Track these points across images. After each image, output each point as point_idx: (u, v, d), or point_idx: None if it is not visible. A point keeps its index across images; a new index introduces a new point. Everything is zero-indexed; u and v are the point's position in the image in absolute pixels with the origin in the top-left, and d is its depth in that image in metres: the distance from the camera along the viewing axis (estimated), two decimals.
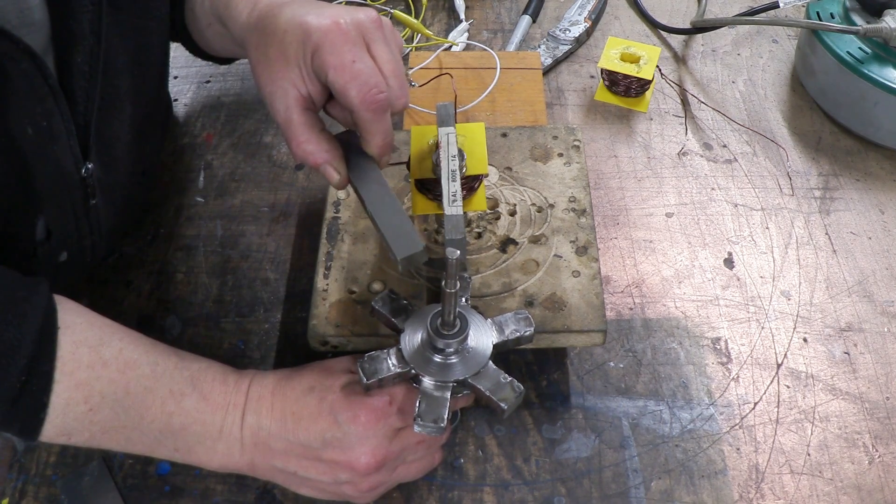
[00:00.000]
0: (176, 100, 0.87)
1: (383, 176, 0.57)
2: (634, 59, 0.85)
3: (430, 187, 0.63)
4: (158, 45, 0.68)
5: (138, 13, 0.61)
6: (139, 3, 0.61)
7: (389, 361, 0.52)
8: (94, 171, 0.58)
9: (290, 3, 0.57)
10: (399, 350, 0.53)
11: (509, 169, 0.70)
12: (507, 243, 0.64)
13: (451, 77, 0.85)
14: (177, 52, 0.79)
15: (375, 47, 0.54)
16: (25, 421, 0.49)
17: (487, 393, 0.51)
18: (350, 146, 0.57)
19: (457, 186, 0.58)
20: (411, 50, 0.91)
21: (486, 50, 0.89)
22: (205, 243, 0.74)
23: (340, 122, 0.59)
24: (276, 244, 0.74)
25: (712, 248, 0.74)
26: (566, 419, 0.62)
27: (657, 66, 0.86)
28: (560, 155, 0.71)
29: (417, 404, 0.50)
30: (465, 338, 0.53)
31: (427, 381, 0.52)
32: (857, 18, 0.82)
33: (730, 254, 0.73)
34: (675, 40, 0.95)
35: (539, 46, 0.93)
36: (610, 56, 0.85)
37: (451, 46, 0.92)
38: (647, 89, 0.86)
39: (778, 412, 0.63)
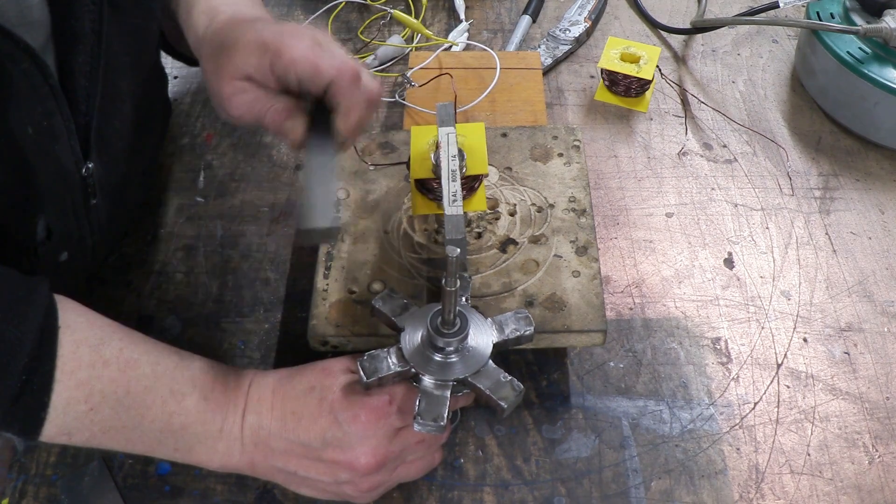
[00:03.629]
0: (176, 100, 0.87)
1: (336, 160, 0.57)
2: (634, 59, 0.85)
3: (430, 187, 0.63)
4: (157, 46, 0.68)
5: (138, 14, 0.62)
6: (139, 4, 0.61)
7: (389, 360, 0.52)
8: (95, 171, 0.58)
9: (248, 21, 0.59)
10: (399, 349, 0.53)
11: (509, 169, 0.70)
12: (507, 243, 0.64)
13: (451, 77, 0.85)
14: None
15: (331, 47, 0.56)
16: (26, 420, 0.49)
17: (487, 392, 0.51)
18: (317, 120, 0.57)
19: (457, 186, 0.58)
20: (411, 50, 0.91)
21: (486, 50, 0.89)
22: (205, 243, 0.74)
23: None
24: (276, 244, 0.74)
25: (712, 248, 0.74)
26: (566, 419, 0.62)
27: (657, 66, 0.86)
28: (560, 155, 0.71)
29: (417, 403, 0.50)
30: (465, 337, 0.53)
31: (427, 380, 0.52)
32: (857, 18, 0.82)
33: (730, 254, 0.73)
34: (675, 40, 0.95)
35: (539, 46, 0.93)
36: (610, 56, 0.85)
37: (451, 46, 0.92)
38: (647, 89, 0.86)
39: (778, 412, 0.63)
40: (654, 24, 0.97)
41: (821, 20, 0.83)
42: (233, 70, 0.56)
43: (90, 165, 0.57)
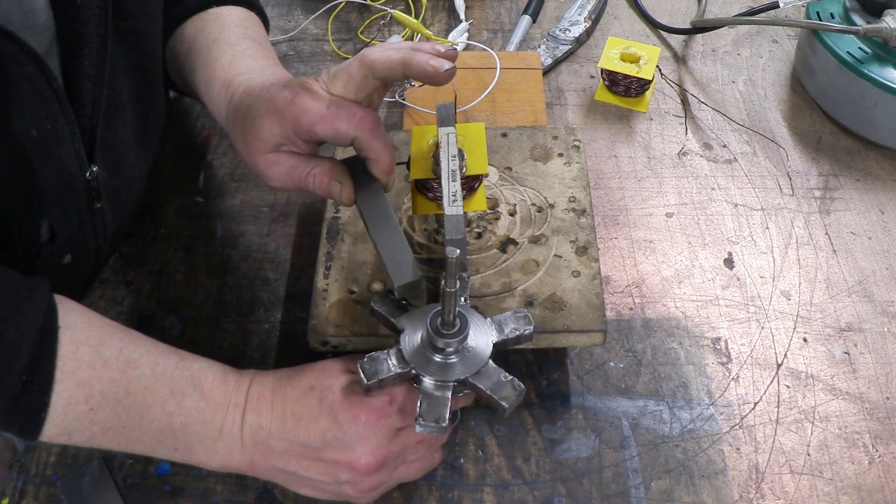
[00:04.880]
0: (176, 100, 0.87)
1: (388, 202, 0.59)
2: (634, 59, 0.85)
3: (430, 187, 0.63)
4: (159, 50, 0.68)
5: (141, 18, 0.62)
6: (141, 9, 0.61)
7: (390, 362, 0.52)
8: (99, 174, 0.58)
9: (260, 90, 0.59)
10: (399, 350, 0.53)
11: (509, 169, 0.70)
12: (507, 243, 0.64)
13: None
14: None
15: (344, 103, 0.57)
16: (26, 420, 0.49)
17: (488, 392, 0.51)
18: (356, 170, 0.59)
19: (457, 186, 0.58)
20: None
21: (486, 50, 0.89)
22: (205, 243, 0.74)
23: None
24: (276, 244, 0.74)
25: (712, 248, 0.74)
26: (566, 419, 0.62)
27: (657, 66, 0.86)
28: (560, 155, 0.71)
29: (419, 404, 0.50)
30: (465, 337, 0.53)
31: (427, 381, 0.52)
32: (857, 18, 0.82)
33: (730, 254, 0.73)
34: (675, 40, 0.95)
35: (539, 46, 0.93)
36: (610, 56, 0.85)
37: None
38: (647, 89, 0.86)
39: (778, 412, 0.63)
40: (654, 24, 0.97)
41: (821, 20, 0.83)
42: (261, 145, 0.57)
43: (95, 169, 0.57)
